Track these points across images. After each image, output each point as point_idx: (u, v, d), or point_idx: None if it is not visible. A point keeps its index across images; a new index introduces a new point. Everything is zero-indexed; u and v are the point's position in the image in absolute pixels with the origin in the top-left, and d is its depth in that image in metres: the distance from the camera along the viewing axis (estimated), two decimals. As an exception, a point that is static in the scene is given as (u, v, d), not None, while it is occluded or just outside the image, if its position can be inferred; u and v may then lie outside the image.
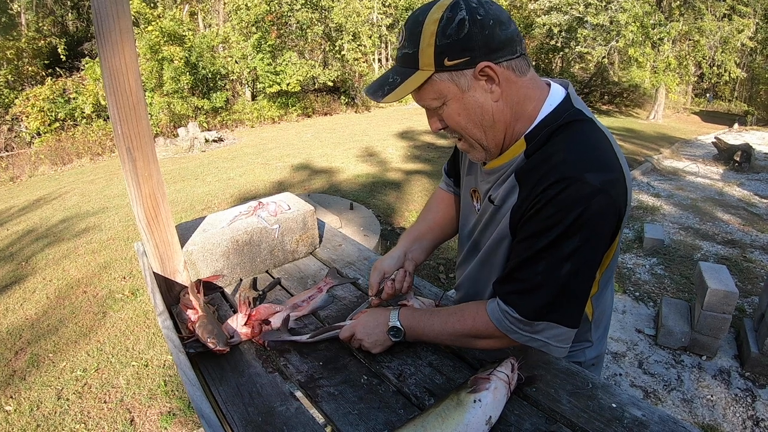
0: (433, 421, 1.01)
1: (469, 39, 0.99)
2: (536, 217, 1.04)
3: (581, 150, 1.04)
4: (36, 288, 4.73)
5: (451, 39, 0.99)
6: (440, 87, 1.04)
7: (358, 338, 1.31)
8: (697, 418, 3.06)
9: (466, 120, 1.09)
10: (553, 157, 1.04)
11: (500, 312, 1.12)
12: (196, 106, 15.49)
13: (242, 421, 1.15)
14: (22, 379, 3.37)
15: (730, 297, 3.40)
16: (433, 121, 1.14)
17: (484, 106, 1.06)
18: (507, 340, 1.15)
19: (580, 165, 1.01)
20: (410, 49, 1.04)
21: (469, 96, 1.05)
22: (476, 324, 1.18)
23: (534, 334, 1.09)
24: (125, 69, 1.34)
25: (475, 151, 1.17)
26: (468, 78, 1.03)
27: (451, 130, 1.13)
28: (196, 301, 1.50)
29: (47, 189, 9.39)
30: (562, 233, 1.00)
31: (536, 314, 1.07)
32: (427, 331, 1.27)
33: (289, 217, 1.90)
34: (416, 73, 1.04)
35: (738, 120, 18.01)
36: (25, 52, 16.12)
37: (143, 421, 3.00)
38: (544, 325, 1.07)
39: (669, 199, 7.60)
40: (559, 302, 1.06)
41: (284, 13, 17.21)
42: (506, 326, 1.11)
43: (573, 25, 18.43)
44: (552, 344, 1.09)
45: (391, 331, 1.30)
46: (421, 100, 1.10)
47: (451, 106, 1.07)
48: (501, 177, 1.18)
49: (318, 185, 7.89)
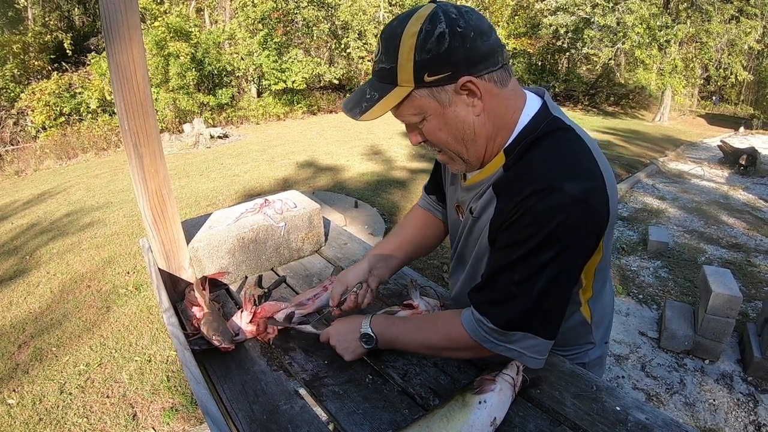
0: (438, 421, 1.01)
1: (450, 53, 0.95)
2: (513, 228, 1.01)
3: (559, 159, 1.02)
4: (40, 282, 4.74)
5: (431, 54, 0.95)
6: (420, 103, 1.01)
7: (332, 344, 1.32)
8: (699, 422, 3.05)
9: (447, 134, 1.06)
10: (531, 169, 1.02)
11: (474, 321, 1.10)
12: (201, 102, 15.49)
13: (247, 418, 1.15)
14: (25, 373, 3.38)
15: (734, 301, 3.39)
16: (413, 135, 1.11)
17: (465, 120, 1.03)
18: (480, 349, 1.12)
19: (558, 175, 0.98)
20: (388, 63, 1.00)
21: (450, 111, 1.02)
22: (450, 333, 1.16)
23: (509, 344, 1.07)
24: (133, 64, 1.33)
25: (455, 163, 1.15)
26: (449, 93, 0.99)
27: (430, 143, 1.11)
28: (202, 298, 1.50)
29: (52, 183, 9.41)
30: (539, 244, 0.97)
31: (511, 324, 1.04)
32: (400, 339, 1.25)
33: (295, 215, 1.90)
34: (395, 90, 1.00)
35: (744, 123, 17.92)
36: (32, 47, 16.13)
37: (146, 417, 3.01)
38: (520, 336, 1.05)
39: (674, 202, 7.58)
40: (535, 313, 1.03)
41: (290, 10, 17.21)
42: (480, 335, 1.09)
43: (579, 26, 18.39)
44: (527, 355, 1.07)
45: (363, 338, 1.27)
46: (400, 116, 1.07)
47: (432, 122, 1.04)
48: (479, 192, 1.16)
49: (323, 183, 7.90)
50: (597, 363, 1.41)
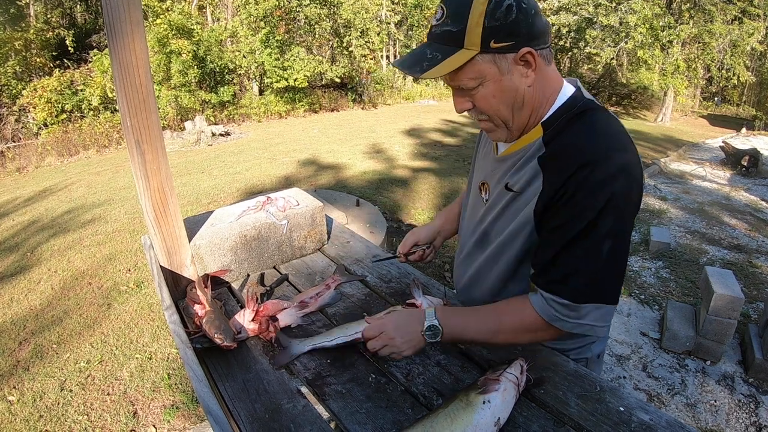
0: (442, 421, 1.01)
1: (516, 24, 1.01)
2: (568, 204, 1.05)
3: (600, 136, 1.08)
4: (41, 279, 4.74)
5: (500, 22, 1.00)
6: (481, 68, 1.05)
7: (389, 336, 1.21)
8: (700, 423, 3.05)
9: (499, 101, 1.11)
10: (576, 143, 1.08)
11: (545, 302, 1.12)
12: (203, 99, 15.49)
13: (249, 417, 1.14)
14: (25, 370, 3.37)
15: (735, 302, 3.38)
16: (461, 101, 1.14)
17: (518, 89, 1.09)
18: (552, 331, 1.15)
19: (602, 149, 1.04)
20: (454, 26, 1.03)
21: (507, 79, 1.07)
22: (523, 317, 1.17)
23: (580, 320, 1.10)
24: (135, 61, 1.33)
25: (498, 131, 1.19)
26: (509, 61, 1.05)
27: (477, 110, 1.15)
28: (204, 296, 1.49)
29: (53, 180, 9.41)
30: (598, 214, 1.02)
31: (582, 296, 1.08)
32: (468, 329, 1.22)
33: (297, 213, 1.90)
34: (460, 52, 1.04)
35: (746, 124, 17.91)
36: (34, 44, 16.12)
37: (146, 414, 3.00)
38: (591, 308, 1.09)
39: (675, 203, 7.57)
40: (602, 281, 1.08)
41: (293, 8, 17.19)
42: (552, 315, 1.12)
43: (582, 26, 18.37)
44: (597, 326, 1.11)
45: (427, 331, 1.21)
46: (457, 80, 1.09)
47: (488, 87, 1.08)
48: (517, 163, 1.20)
49: (324, 181, 7.89)
50: (598, 359, 1.44)
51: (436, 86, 23.93)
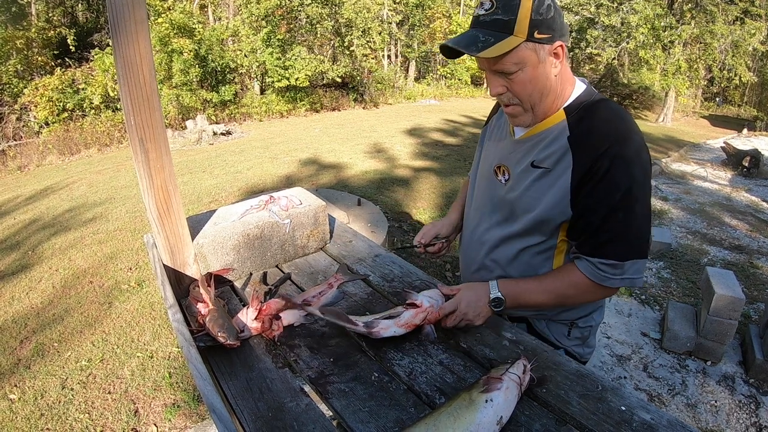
0: (445, 420, 1.01)
1: (554, 21, 1.22)
2: (605, 177, 1.23)
3: (619, 119, 1.27)
4: (42, 277, 4.74)
5: (543, 17, 1.19)
6: (525, 54, 1.22)
7: (462, 312, 1.40)
8: (700, 423, 3.05)
9: (533, 86, 1.28)
10: (601, 126, 1.27)
11: (592, 266, 1.31)
12: (204, 98, 15.50)
13: (252, 416, 1.14)
14: (26, 368, 3.38)
15: (736, 303, 3.38)
16: (497, 85, 1.31)
17: (548, 77, 1.28)
18: (600, 290, 1.35)
19: (625, 129, 1.25)
20: (505, 16, 1.20)
21: (542, 66, 1.25)
22: (574, 280, 1.36)
23: (623, 275, 1.30)
24: (139, 59, 1.33)
25: (525, 115, 1.35)
26: (546, 51, 1.24)
27: (510, 95, 1.31)
28: (207, 295, 1.50)
29: (55, 179, 9.41)
30: (631, 185, 1.23)
31: (626, 255, 1.27)
32: (526, 296, 1.42)
33: (300, 212, 1.90)
34: (510, 38, 1.20)
35: (747, 125, 17.91)
36: (35, 42, 16.15)
37: (147, 413, 3.01)
38: (630, 264, 1.29)
39: (677, 203, 7.57)
40: (639, 239, 1.28)
41: (294, 7, 17.19)
42: (601, 276, 1.31)
43: (583, 26, 18.37)
44: (636, 278, 1.31)
45: (493, 302, 1.42)
46: (501, 64, 1.25)
47: (527, 72, 1.25)
48: (541, 143, 1.36)
49: (326, 180, 7.89)
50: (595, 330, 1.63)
51: (438, 86, 23.96)
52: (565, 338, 1.56)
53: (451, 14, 24.60)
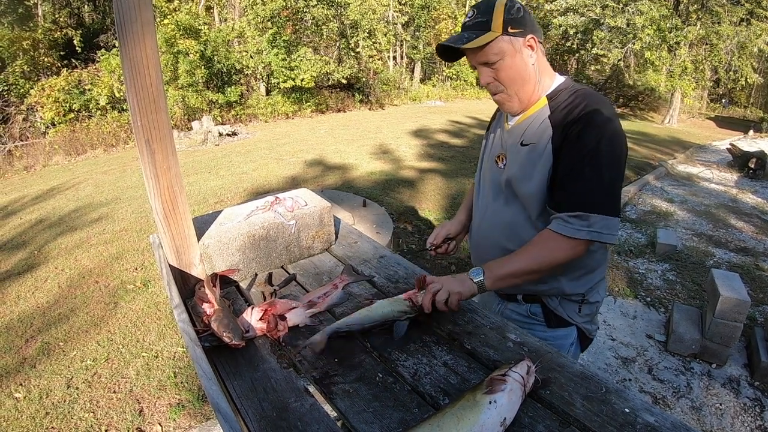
0: (449, 420, 1.01)
1: (524, 19, 1.46)
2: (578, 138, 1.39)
3: (596, 95, 1.46)
4: (48, 277, 4.77)
5: (513, 16, 1.43)
6: (502, 46, 1.44)
7: (447, 287, 1.44)
8: (705, 426, 3.04)
9: (514, 73, 1.48)
10: (577, 100, 1.44)
11: (561, 220, 1.41)
12: (210, 99, 15.52)
13: (257, 416, 1.15)
14: (32, 367, 3.39)
15: (742, 305, 3.37)
16: (485, 75, 1.51)
17: (526, 65, 1.48)
18: (569, 244, 1.40)
19: (599, 100, 1.44)
20: (484, 18, 1.44)
21: (518, 56, 1.47)
22: (544, 237, 1.45)
23: (590, 228, 1.37)
24: (146, 61, 1.34)
25: (511, 101, 1.54)
26: (520, 43, 1.46)
27: (496, 84, 1.51)
28: (212, 295, 1.50)
29: (61, 179, 9.45)
30: (598, 144, 1.37)
31: (590, 207, 1.36)
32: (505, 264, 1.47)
33: (305, 213, 1.90)
34: (489, 33, 1.43)
35: (753, 126, 17.84)
36: (41, 43, 16.21)
37: (152, 412, 3.02)
38: (598, 218, 1.37)
39: (682, 205, 7.55)
40: (606, 195, 1.38)
41: (300, 8, 17.21)
42: (568, 229, 1.39)
43: (589, 27, 18.33)
44: (605, 234, 1.38)
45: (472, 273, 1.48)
46: (484, 55, 1.47)
47: (506, 61, 1.46)
48: (529, 126, 1.53)
49: (331, 181, 7.90)
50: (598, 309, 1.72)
51: (443, 87, 23.94)
52: (576, 315, 1.66)
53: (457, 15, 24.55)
